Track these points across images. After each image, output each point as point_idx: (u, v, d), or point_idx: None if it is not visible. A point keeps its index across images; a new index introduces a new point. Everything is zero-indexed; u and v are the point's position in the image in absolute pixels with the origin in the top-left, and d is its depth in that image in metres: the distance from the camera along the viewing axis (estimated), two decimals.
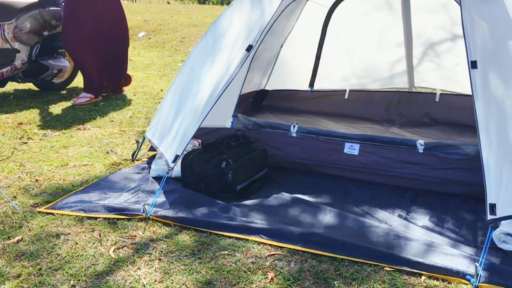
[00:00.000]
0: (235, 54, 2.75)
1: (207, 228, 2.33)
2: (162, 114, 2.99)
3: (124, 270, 2.02)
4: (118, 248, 2.18)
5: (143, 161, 3.21)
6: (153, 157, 3.11)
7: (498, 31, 2.36)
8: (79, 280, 1.95)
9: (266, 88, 4.14)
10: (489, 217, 2.10)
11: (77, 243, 2.21)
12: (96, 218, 2.43)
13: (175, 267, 2.04)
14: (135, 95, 5.21)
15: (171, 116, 2.85)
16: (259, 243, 2.22)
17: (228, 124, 3.25)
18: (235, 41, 2.80)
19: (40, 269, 2.01)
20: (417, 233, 2.30)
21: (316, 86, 4.16)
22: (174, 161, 2.60)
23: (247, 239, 2.25)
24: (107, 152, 3.40)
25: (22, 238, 2.25)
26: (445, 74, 3.96)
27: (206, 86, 2.72)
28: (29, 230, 2.32)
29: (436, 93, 3.80)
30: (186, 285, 1.92)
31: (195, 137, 2.76)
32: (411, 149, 2.78)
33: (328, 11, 3.93)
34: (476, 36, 2.35)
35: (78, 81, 5.76)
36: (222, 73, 2.70)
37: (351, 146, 2.90)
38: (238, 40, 2.79)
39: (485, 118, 2.23)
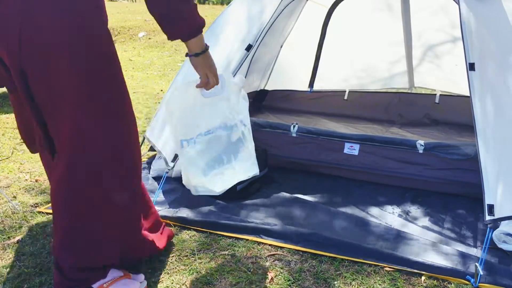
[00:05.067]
0: (234, 54, 2.75)
1: (207, 228, 2.33)
2: (162, 113, 2.99)
3: None
4: None
5: (143, 161, 3.21)
6: (153, 157, 3.11)
7: (496, 33, 2.37)
8: None
9: (266, 88, 4.14)
10: (487, 217, 2.11)
11: None
12: None
13: (175, 267, 2.04)
14: (135, 94, 5.21)
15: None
16: (259, 243, 2.23)
17: None
18: (234, 41, 2.80)
19: (40, 269, 2.01)
20: (417, 233, 2.31)
21: (316, 87, 4.16)
22: (173, 160, 2.60)
23: (247, 239, 2.25)
24: None
25: (22, 238, 2.25)
26: (445, 75, 3.96)
27: None
28: (29, 230, 2.32)
29: (436, 94, 3.81)
30: (186, 285, 1.92)
31: None
32: (411, 150, 2.78)
33: (328, 11, 3.93)
34: (474, 38, 2.35)
35: None
36: (221, 73, 2.69)
37: (351, 146, 2.90)
38: (237, 40, 2.80)
39: (482, 119, 2.24)
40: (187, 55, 1.74)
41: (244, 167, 2.02)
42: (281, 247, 2.19)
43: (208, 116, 1.87)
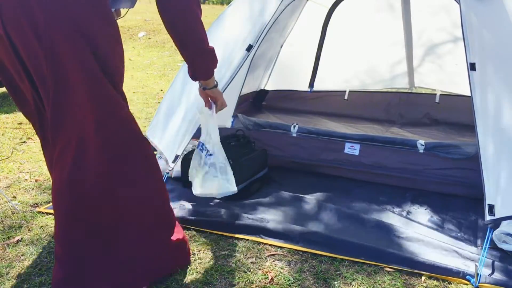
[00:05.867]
0: (235, 54, 2.75)
1: (207, 228, 2.33)
2: (162, 113, 2.99)
3: None
4: None
5: None
6: None
7: (497, 33, 2.37)
8: None
9: (266, 88, 4.14)
10: (488, 217, 2.11)
11: None
12: None
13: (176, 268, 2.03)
14: (135, 94, 5.20)
15: (171, 116, 2.85)
16: (259, 243, 2.22)
17: (228, 124, 3.25)
18: (235, 41, 2.80)
19: (40, 269, 2.01)
20: (417, 233, 2.30)
21: (316, 87, 4.16)
22: (174, 161, 2.60)
23: (247, 239, 2.25)
24: None
25: (22, 238, 2.25)
26: (445, 75, 3.97)
27: None
28: (29, 230, 2.32)
29: (436, 94, 3.81)
30: (186, 285, 1.92)
31: (195, 137, 2.76)
32: (412, 149, 2.78)
33: (328, 11, 3.93)
34: (475, 37, 2.35)
35: None
36: (222, 73, 2.70)
37: (352, 146, 2.90)
38: (238, 40, 2.80)
39: (483, 119, 2.24)
40: (204, 89, 2.05)
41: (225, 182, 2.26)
42: (281, 247, 2.19)
43: (209, 134, 2.18)
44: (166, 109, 2.97)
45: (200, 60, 1.89)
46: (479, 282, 1.91)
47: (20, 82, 1.65)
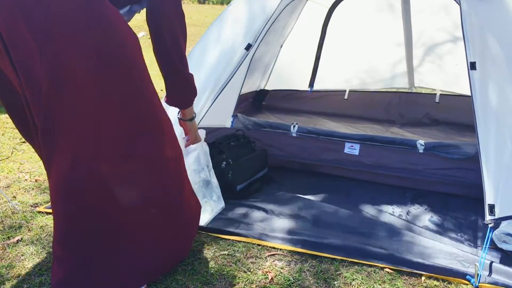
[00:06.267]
0: (234, 53, 2.75)
1: (205, 230, 2.32)
2: None
3: None
4: None
5: None
6: None
7: (497, 32, 2.37)
8: None
9: (266, 88, 4.14)
10: (488, 217, 2.11)
11: None
12: None
13: (175, 267, 2.03)
14: None
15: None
16: (259, 243, 2.22)
17: (228, 124, 3.26)
18: (234, 40, 2.81)
19: (40, 269, 2.01)
20: (417, 233, 2.30)
21: (316, 87, 4.16)
22: None
23: (247, 240, 2.25)
24: None
25: (22, 238, 2.25)
26: (445, 75, 3.97)
27: (205, 86, 2.72)
28: (29, 230, 2.32)
29: (436, 94, 3.81)
30: (186, 285, 1.92)
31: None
32: (412, 149, 2.78)
33: (328, 11, 3.93)
34: (476, 37, 2.36)
35: None
36: (220, 72, 2.70)
37: (352, 146, 2.90)
38: (237, 39, 2.80)
39: (483, 119, 2.24)
40: (180, 119, 2.04)
41: (212, 203, 2.41)
42: (281, 249, 2.19)
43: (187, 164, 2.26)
44: (166, 108, 2.96)
45: (178, 84, 1.85)
46: (479, 282, 1.91)
47: (15, 83, 1.64)
